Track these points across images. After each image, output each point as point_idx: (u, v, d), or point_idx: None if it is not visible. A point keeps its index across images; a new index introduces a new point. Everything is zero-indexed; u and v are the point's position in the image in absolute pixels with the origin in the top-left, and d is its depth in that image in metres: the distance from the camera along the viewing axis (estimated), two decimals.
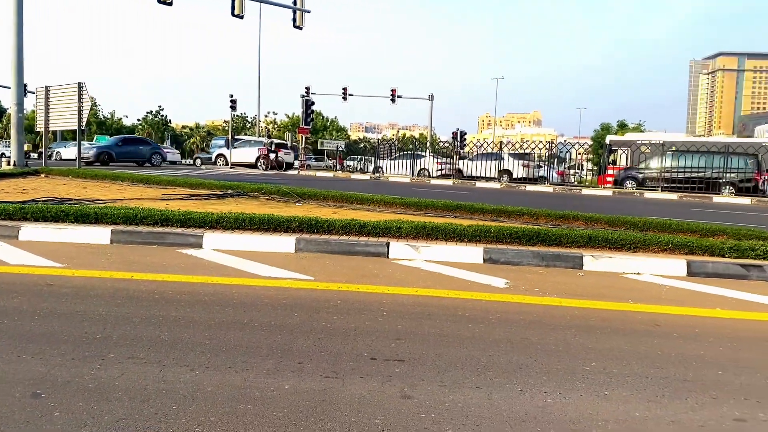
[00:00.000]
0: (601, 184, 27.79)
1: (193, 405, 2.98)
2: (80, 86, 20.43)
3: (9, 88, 21.85)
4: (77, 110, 20.41)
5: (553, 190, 24.40)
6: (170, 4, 24.73)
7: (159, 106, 75.44)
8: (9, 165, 20.75)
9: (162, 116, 75.08)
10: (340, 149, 39.13)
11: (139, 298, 4.93)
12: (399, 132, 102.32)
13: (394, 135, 60.73)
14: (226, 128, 54.73)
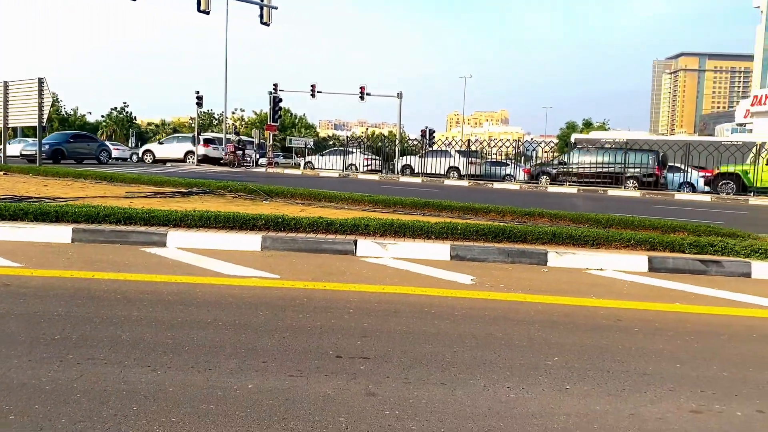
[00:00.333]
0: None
1: (154, 405, 2.94)
2: (41, 81, 19.96)
3: None
4: (38, 106, 19.95)
5: (520, 188, 24.66)
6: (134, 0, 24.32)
7: (124, 103, 74.11)
8: None
9: (127, 113, 73.78)
10: (309, 146, 38.94)
11: (100, 298, 4.84)
12: (368, 129, 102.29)
13: (364, 132, 60.67)
14: (193, 125, 54.01)
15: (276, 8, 28.87)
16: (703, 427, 2.95)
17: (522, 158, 31.72)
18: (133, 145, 55.59)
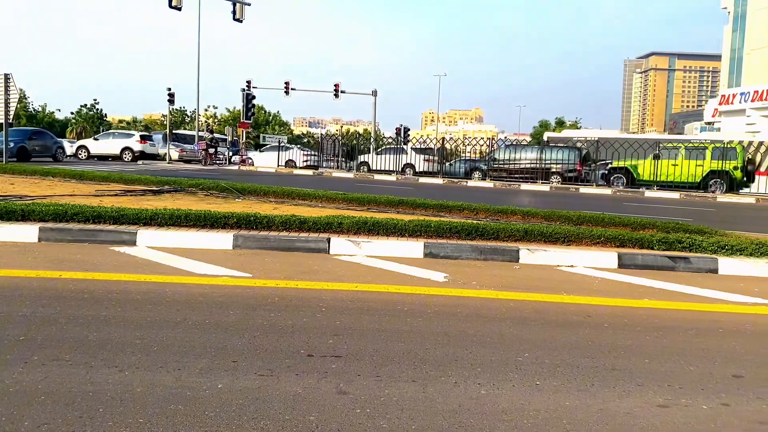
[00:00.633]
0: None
1: (121, 407, 2.89)
2: (7, 77, 19.54)
3: None
4: (4, 102, 19.52)
5: (494, 186, 24.82)
6: None
7: (94, 100, 72.32)
8: None
9: (97, 110, 72.44)
10: (283, 144, 38.71)
11: (67, 298, 4.75)
12: (343, 127, 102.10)
13: (338, 130, 60.51)
14: (165, 122, 53.30)
15: (249, 4, 28.67)
16: (670, 422, 3.00)
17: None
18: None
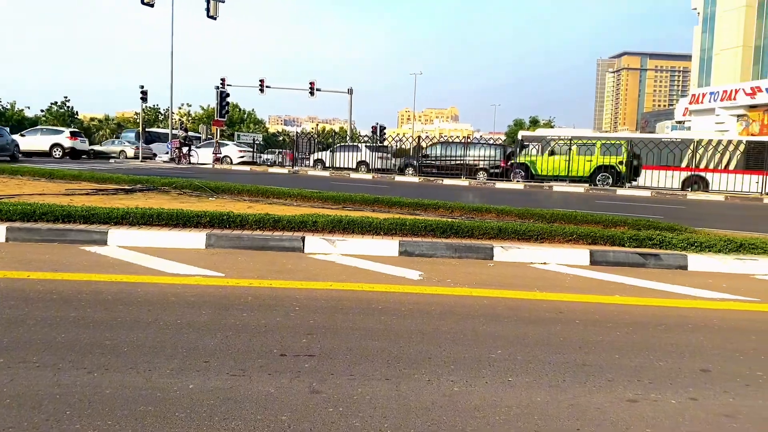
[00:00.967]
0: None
1: (89, 409, 2.84)
2: None
3: None
4: None
5: (469, 184, 24.95)
6: None
7: (65, 97, 70.90)
8: None
9: (68, 107, 71.15)
10: (257, 142, 38.46)
11: (35, 299, 4.66)
12: (319, 125, 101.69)
13: (314, 128, 60.24)
14: (138, 120, 52.60)
15: (223, 2, 28.41)
16: (639, 416, 3.04)
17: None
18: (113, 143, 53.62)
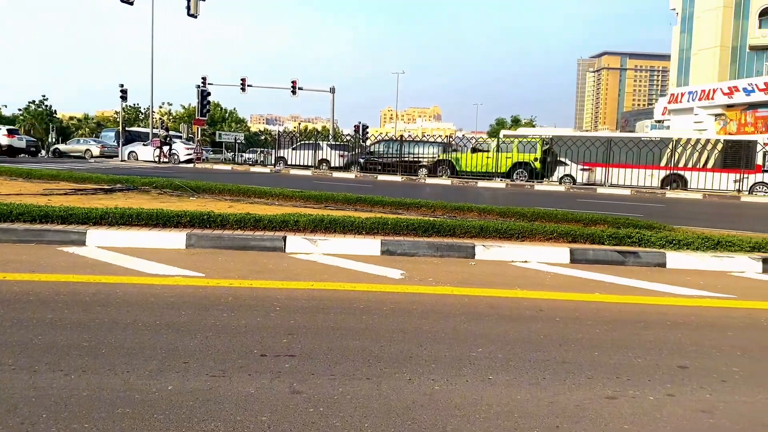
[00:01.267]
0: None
1: (66, 411, 2.81)
2: None
3: None
4: None
5: (452, 183, 25.02)
6: None
7: (43, 96, 70.07)
8: None
9: (46, 106, 70.24)
10: (239, 141, 38.24)
11: (11, 300, 4.59)
12: (301, 124, 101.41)
13: (296, 127, 60.06)
14: (118, 119, 52.06)
15: None
16: (617, 413, 3.07)
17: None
18: (53, 141, 53.17)
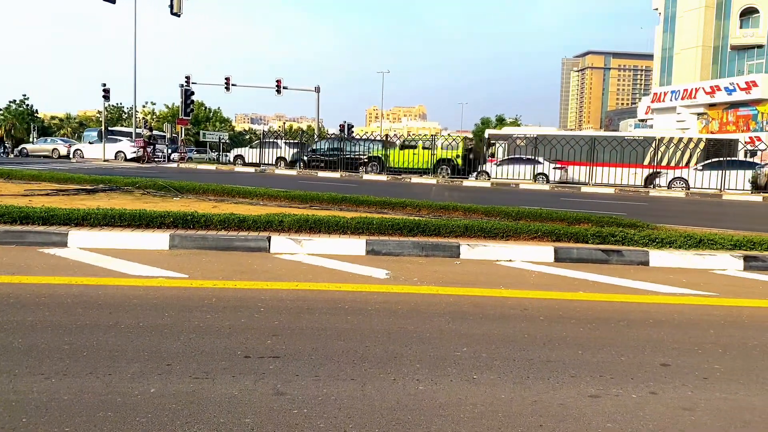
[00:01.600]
0: None
1: (46, 416, 2.77)
2: None
3: None
4: None
5: (437, 182, 25.07)
6: None
7: (23, 95, 69.13)
8: None
9: (28, 106, 69.33)
10: (224, 141, 38.06)
11: None
12: (286, 124, 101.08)
13: (281, 127, 59.84)
14: (100, 119, 51.54)
15: None
16: (600, 411, 3.09)
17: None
18: (35, 141, 52.53)
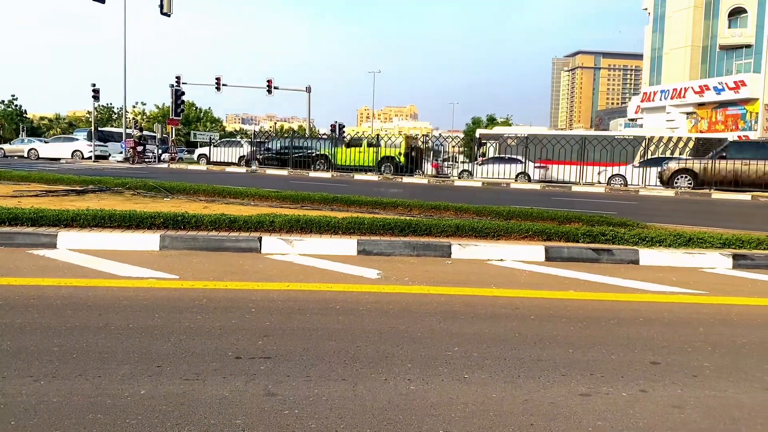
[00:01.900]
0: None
1: (35, 418, 2.75)
2: None
3: None
4: None
5: (428, 182, 25.09)
6: None
7: (12, 95, 68.82)
8: None
9: (17, 106, 68.86)
10: (214, 141, 37.94)
11: None
12: (277, 124, 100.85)
13: (272, 127, 59.71)
14: (90, 119, 51.25)
15: None
16: (591, 409, 3.10)
17: (431, 153, 32.57)
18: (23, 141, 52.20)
